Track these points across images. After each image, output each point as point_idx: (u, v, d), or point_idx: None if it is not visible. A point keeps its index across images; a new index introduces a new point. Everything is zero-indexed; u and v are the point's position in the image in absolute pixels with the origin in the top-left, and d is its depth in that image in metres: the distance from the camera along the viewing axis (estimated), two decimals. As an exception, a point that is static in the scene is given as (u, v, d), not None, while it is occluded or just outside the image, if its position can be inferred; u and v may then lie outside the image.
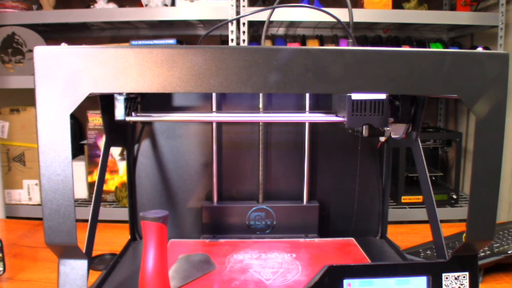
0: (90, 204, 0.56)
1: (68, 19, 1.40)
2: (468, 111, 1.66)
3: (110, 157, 1.40)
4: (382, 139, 0.67)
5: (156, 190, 0.78)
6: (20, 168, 1.49)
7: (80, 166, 1.47)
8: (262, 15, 1.27)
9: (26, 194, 1.50)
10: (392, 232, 0.79)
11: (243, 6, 1.34)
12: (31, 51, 1.45)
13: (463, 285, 0.53)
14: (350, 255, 0.68)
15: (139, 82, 0.44)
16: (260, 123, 0.76)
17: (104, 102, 0.60)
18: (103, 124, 0.61)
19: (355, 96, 0.56)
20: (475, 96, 0.47)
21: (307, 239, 0.75)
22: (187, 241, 0.74)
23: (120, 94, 0.61)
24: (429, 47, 1.47)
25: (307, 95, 0.74)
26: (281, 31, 1.65)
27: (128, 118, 0.63)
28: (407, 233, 0.93)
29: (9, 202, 1.50)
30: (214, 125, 0.75)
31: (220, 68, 0.44)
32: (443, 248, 0.55)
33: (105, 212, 1.38)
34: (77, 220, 0.47)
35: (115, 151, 1.42)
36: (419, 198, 1.41)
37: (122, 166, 1.42)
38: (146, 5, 1.43)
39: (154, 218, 0.49)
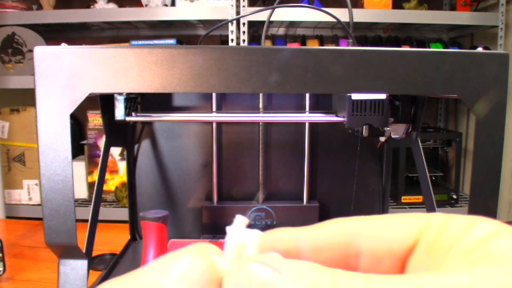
0: (90, 204, 0.56)
1: (68, 19, 1.40)
2: (468, 111, 1.66)
3: (110, 157, 1.40)
4: (382, 139, 0.67)
5: (156, 190, 0.78)
6: (20, 168, 1.49)
7: (80, 166, 1.47)
8: (262, 15, 1.27)
9: (26, 194, 1.50)
10: (392, 232, 0.79)
11: (243, 6, 1.34)
12: (31, 51, 1.46)
13: (463, 285, 0.53)
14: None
15: (139, 82, 0.44)
16: (260, 123, 0.76)
17: (104, 102, 0.60)
18: (103, 124, 0.61)
19: (355, 96, 0.56)
20: (475, 96, 0.47)
21: (307, 239, 0.75)
22: (187, 241, 0.74)
23: (120, 94, 0.61)
24: (429, 47, 1.47)
25: (307, 95, 0.74)
26: (281, 31, 1.65)
27: (128, 118, 0.63)
28: (407, 233, 0.93)
29: (9, 202, 1.50)
30: (214, 125, 0.75)
31: (220, 68, 0.44)
32: (443, 248, 0.55)
33: (105, 212, 1.38)
34: (77, 220, 0.47)
35: (115, 151, 1.42)
36: (419, 198, 1.41)
37: (122, 166, 1.42)
38: (146, 5, 1.43)
39: (154, 218, 0.49)
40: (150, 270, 0.15)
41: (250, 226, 0.18)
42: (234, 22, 1.35)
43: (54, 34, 1.63)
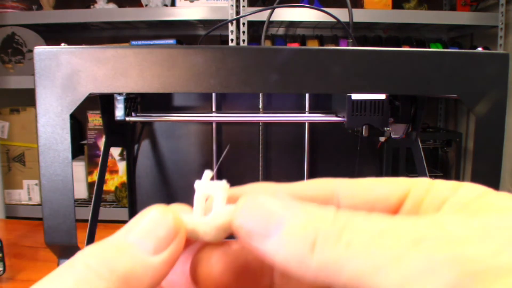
0: (90, 204, 0.56)
1: (68, 19, 1.40)
2: (468, 111, 1.66)
3: (110, 157, 1.40)
4: (382, 139, 0.67)
5: (156, 190, 0.78)
6: (20, 168, 1.50)
7: (80, 166, 1.47)
8: (262, 15, 1.27)
9: (26, 194, 1.50)
10: (392, 232, 0.79)
11: (243, 6, 1.34)
12: (31, 51, 1.46)
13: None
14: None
15: (139, 82, 0.44)
16: (260, 123, 0.76)
17: (104, 102, 0.61)
18: (103, 124, 0.61)
19: (355, 96, 0.56)
20: (475, 96, 0.47)
21: (307, 239, 0.75)
22: (187, 241, 0.74)
23: (120, 94, 0.61)
24: (429, 47, 1.47)
25: (307, 95, 0.74)
26: (281, 31, 1.65)
27: (128, 118, 0.63)
28: (407, 233, 0.93)
29: (9, 202, 1.50)
30: (214, 125, 0.75)
31: (220, 68, 0.44)
32: (443, 248, 0.55)
33: (105, 212, 1.38)
34: (77, 220, 0.47)
35: (115, 151, 1.42)
36: (419, 198, 1.41)
37: (122, 166, 1.42)
38: (146, 5, 1.43)
39: (154, 218, 0.49)
40: (122, 228, 0.16)
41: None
42: (234, 22, 1.35)
43: (54, 34, 1.63)
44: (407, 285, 0.12)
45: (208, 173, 0.18)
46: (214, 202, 0.18)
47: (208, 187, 0.18)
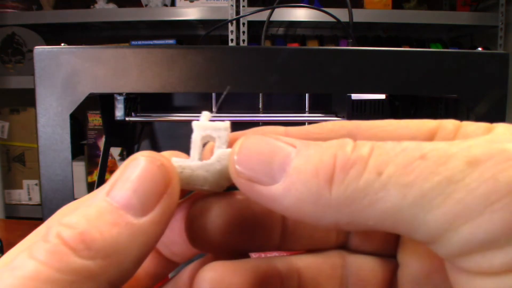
0: (90, 204, 0.56)
1: (68, 19, 1.40)
2: (468, 111, 1.66)
3: (110, 157, 1.40)
4: (382, 139, 0.67)
5: (156, 190, 0.77)
6: (20, 168, 1.50)
7: (80, 166, 1.47)
8: (262, 15, 1.27)
9: (26, 194, 1.50)
10: (392, 232, 0.79)
11: (243, 6, 1.34)
12: (31, 51, 1.46)
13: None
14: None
15: (139, 82, 0.44)
16: (260, 123, 0.76)
17: (104, 102, 0.61)
18: (103, 124, 0.61)
19: (355, 96, 0.56)
20: (475, 96, 0.47)
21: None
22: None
23: (120, 94, 0.61)
24: (429, 47, 1.47)
25: (307, 95, 0.74)
26: (281, 31, 1.65)
27: (128, 118, 0.63)
28: (407, 233, 0.93)
29: (9, 202, 1.50)
30: (214, 125, 0.75)
31: (220, 68, 0.44)
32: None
33: (105, 212, 1.38)
34: (77, 220, 0.46)
35: (115, 151, 1.42)
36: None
37: (122, 166, 1.42)
38: (146, 5, 1.43)
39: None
40: (104, 184, 0.14)
41: None
42: (234, 22, 1.35)
43: (54, 34, 1.63)
44: (463, 215, 0.10)
45: (206, 114, 0.15)
46: (216, 144, 0.15)
47: (208, 127, 0.15)
